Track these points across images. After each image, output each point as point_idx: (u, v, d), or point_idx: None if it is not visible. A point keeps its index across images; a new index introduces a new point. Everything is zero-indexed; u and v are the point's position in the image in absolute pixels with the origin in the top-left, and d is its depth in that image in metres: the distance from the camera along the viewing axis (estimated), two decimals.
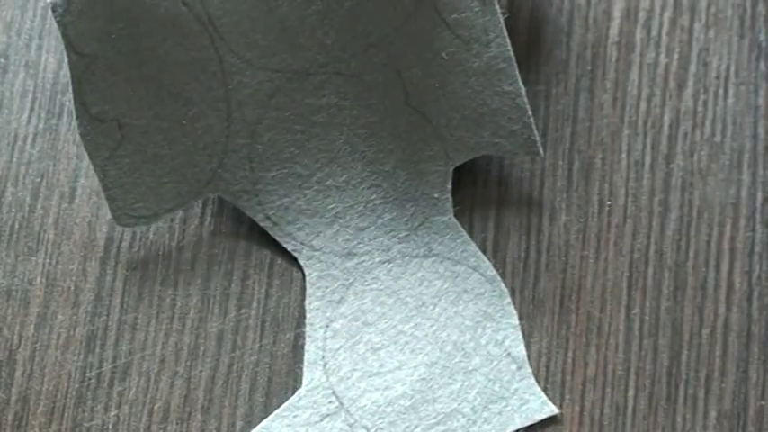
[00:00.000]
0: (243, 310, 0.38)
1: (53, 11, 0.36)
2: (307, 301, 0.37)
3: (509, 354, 0.37)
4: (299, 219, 0.37)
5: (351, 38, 0.37)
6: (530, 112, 0.37)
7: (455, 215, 0.38)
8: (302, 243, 0.37)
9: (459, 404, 0.36)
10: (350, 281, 0.37)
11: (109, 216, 0.39)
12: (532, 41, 0.40)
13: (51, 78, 0.40)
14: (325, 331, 0.37)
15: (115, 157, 0.37)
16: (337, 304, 0.37)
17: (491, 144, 0.37)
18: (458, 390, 0.36)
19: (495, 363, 0.36)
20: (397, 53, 0.37)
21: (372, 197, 0.37)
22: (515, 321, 0.37)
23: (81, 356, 0.38)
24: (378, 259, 0.37)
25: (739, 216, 0.39)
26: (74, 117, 0.37)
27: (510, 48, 0.36)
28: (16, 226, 0.39)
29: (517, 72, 0.37)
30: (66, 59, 0.40)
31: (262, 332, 0.38)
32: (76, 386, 0.38)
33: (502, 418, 0.36)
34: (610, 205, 0.39)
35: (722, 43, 0.40)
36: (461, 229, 0.37)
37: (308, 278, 0.37)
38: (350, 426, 0.36)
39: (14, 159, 0.39)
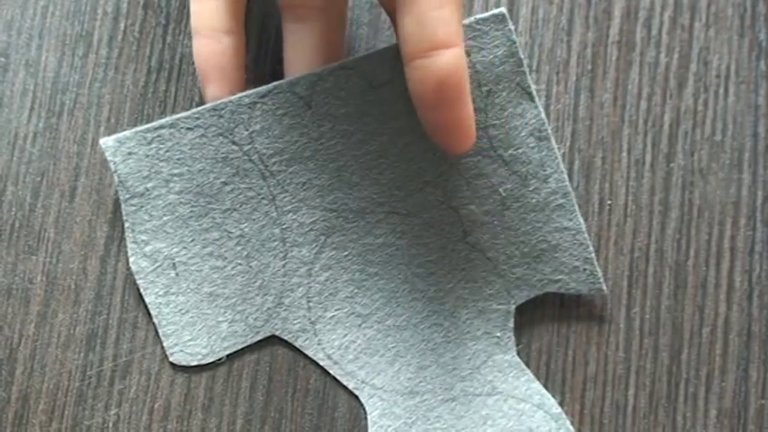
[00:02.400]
0: None
1: (106, 150, 0.37)
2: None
3: None
4: (359, 357, 0.37)
5: (406, 176, 0.37)
6: (591, 248, 0.37)
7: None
8: (363, 381, 0.37)
9: None
10: (412, 419, 0.37)
11: (109, 215, 0.39)
12: (533, 41, 0.40)
13: (51, 77, 0.40)
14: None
15: (170, 294, 0.37)
16: None
17: (553, 281, 0.37)
18: None
19: None
20: (453, 190, 0.37)
21: (434, 336, 0.37)
22: None
23: (81, 355, 0.38)
24: (440, 398, 0.37)
25: (740, 215, 0.39)
26: (128, 254, 0.37)
27: (568, 183, 0.37)
28: (17, 225, 0.39)
29: (576, 207, 0.37)
30: (65, 61, 0.40)
31: None
32: (77, 384, 0.38)
33: None
34: (610, 204, 0.39)
35: (722, 42, 0.40)
36: (524, 366, 0.37)
37: (369, 416, 0.37)
38: None
39: (15, 158, 0.39)
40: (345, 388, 0.38)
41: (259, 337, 0.37)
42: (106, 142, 0.37)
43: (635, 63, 0.40)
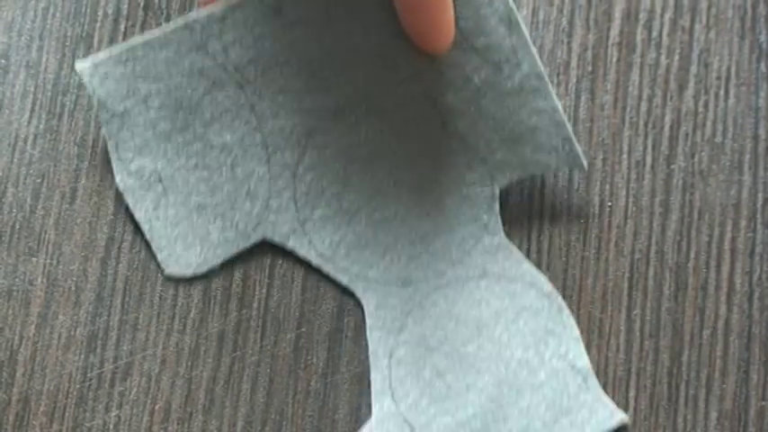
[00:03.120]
0: (244, 311, 0.38)
1: (81, 74, 0.37)
2: (368, 332, 0.37)
3: (573, 366, 0.37)
4: (350, 253, 0.37)
5: (381, 75, 0.37)
6: (569, 127, 0.37)
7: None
8: (357, 275, 0.37)
9: (529, 421, 0.36)
10: (408, 308, 0.37)
11: (110, 216, 0.39)
12: (533, 42, 0.40)
13: (52, 79, 0.40)
14: (389, 360, 0.37)
15: (159, 209, 0.37)
16: (398, 332, 0.37)
17: (533, 162, 0.37)
18: (526, 406, 0.36)
19: (560, 376, 0.36)
20: (428, 84, 0.37)
21: (422, 225, 0.37)
22: (576, 334, 0.37)
23: (82, 357, 0.38)
24: (434, 285, 0.37)
25: (740, 217, 0.39)
26: (114, 174, 0.38)
27: (541, 65, 0.37)
28: (17, 226, 0.39)
29: (551, 88, 0.37)
30: (65, 62, 0.40)
31: (263, 333, 0.38)
32: (78, 386, 0.38)
33: (573, 431, 0.36)
34: (611, 206, 0.39)
35: (723, 44, 0.40)
36: (514, 248, 0.37)
37: (366, 309, 0.37)
38: None
39: (15, 160, 0.39)
40: (346, 388, 0.38)
41: (250, 243, 0.38)
42: (82, 66, 0.37)
43: (635, 65, 0.40)
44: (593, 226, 0.39)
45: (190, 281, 0.38)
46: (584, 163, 0.37)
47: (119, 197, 0.39)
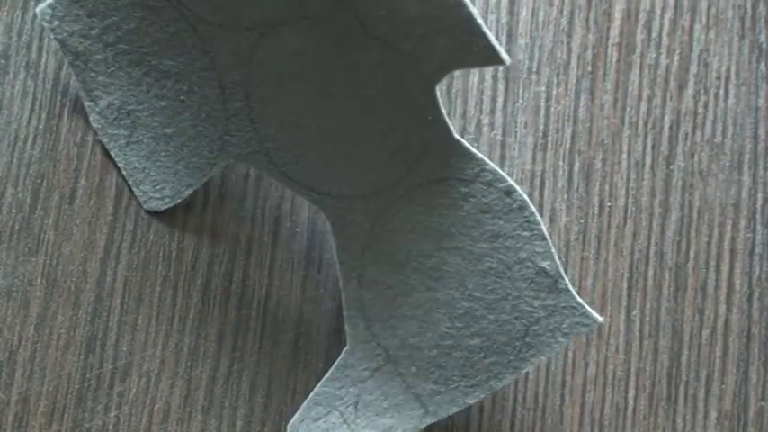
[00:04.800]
0: (243, 311, 0.38)
1: (42, 18, 0.38)
2: (336, 254, 0.36)
3: (541, 269, 0.35)
4: (312, 169, 0.37)
5: None
6: (479, 20, 0.34)
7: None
8: (320, 193, 0.37)
9: (501, 333, 0.35)
10: (371, 223, 0.36)
11: (109, 217, 0.39)
12: (533, 42, 0.40)
13: (52, 79, 0.40)
14: (359, 282, 0.36)
15: (131, 144, 0.38)
16: (364, 250, 0.36)
17: (455, 60, 0.35)
18: (497, 319, 0.35)
19: (529, 281, 0.35)
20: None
21: (370, 133, 0.36)
22: (542, 232, 0.35)
23: (81, 357, 0.38)
24: (393, 195, 0.36)
25: (740, 217, 0.39)
26: (88, 113, 0.38)
27: None
28: (16, 227, 0.39)
29: None
30: (65, 63, 0.40)
31: (262, 333, 0.38)
32: (77, 387, 0.38)
33: (546, 339, 0.35)
34: (610, 206, 0.39)
35: (723, 44, 0.40)
36: (468, 147, 0.35)
37: (332, 230, 0.37)
38: (400, 375, 0.36)
39: (15, 160, 0.39)
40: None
41: (217, 168, 0.38)
42: (42, 10, 0.38)
43: (635, 65, 0.40)
44: (593, 226, 0.39)
45: (188, 282, 0.38)
46: (504, 57, 0.34)
47: (118, 197, 0.39)
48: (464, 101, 0.40)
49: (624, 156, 0.39)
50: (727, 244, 0.39)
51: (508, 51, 0.40)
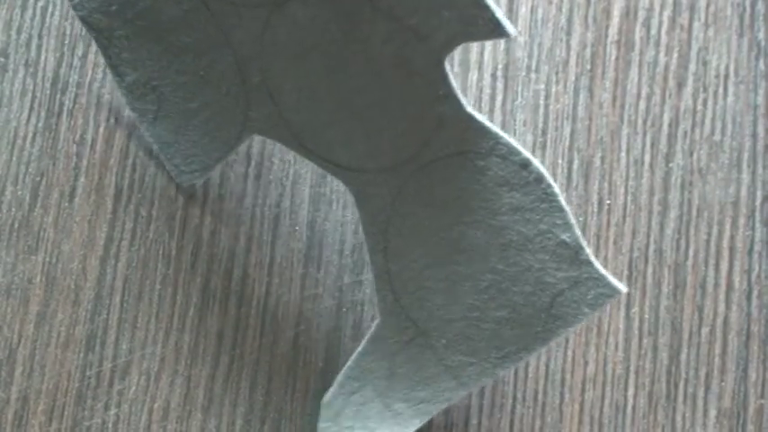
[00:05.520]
0: (243, 309, 0.38)
1: None
2: (362, 228, 0.36)
3: (562, 241, 0.34)
4: (332, 143, 0.36)
5: None
6: None
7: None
8: (342, 167, 0.36)
9: (526, 306, 0.35)
10: (392, 196, 0.36)
11: (109, 215, 0.39)
12: (532, 40, 0.40)
13: (51, 77, 0.40)
14: (384, 255, 0.36)
15: (159, 118, 0.38)
16: (387, 224, 0.36)
17: (461, 34, 0.34)
18: (522, 291, 0.35)
19: (550, 253, 0.34)
20: None
21: (385, 107, 0.36)
22: (559, 203, 0.34)
23: (81, 355, 0.38)
24: (411, 168, 0.36)
25: (739, 215, 0.39)
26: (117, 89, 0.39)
27: None
28: (16, 225, 0.39)
29: None
30: (64, 61, 0.40)
31: (262, 331, 0.38)
32: (76, 385, 0.38)
33: (571, 311, 0.34)
34: (609, 204, 0.39)
35: (721, 42, 0.40)
36: (482, 120, 0.35)
37: (356, 204, 0.36)
38: (431, 347, 0.35)
39: (14, 158, 0.39)
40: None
41: (243, 141, 0.37)
42: None
43: (634, 63, 0.40)
44: (592, 224, 0.39)
45: (188, 280, 0.38)
46: (509, 29, 0.34)
47: (118, 196, 0.39)
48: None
49: (623, 154, 0.39)
50: (727, 242, 0.39)
51: (507, 50, 0.40)
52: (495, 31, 0.34)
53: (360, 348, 0.36)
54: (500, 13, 0.34)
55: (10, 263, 0.38)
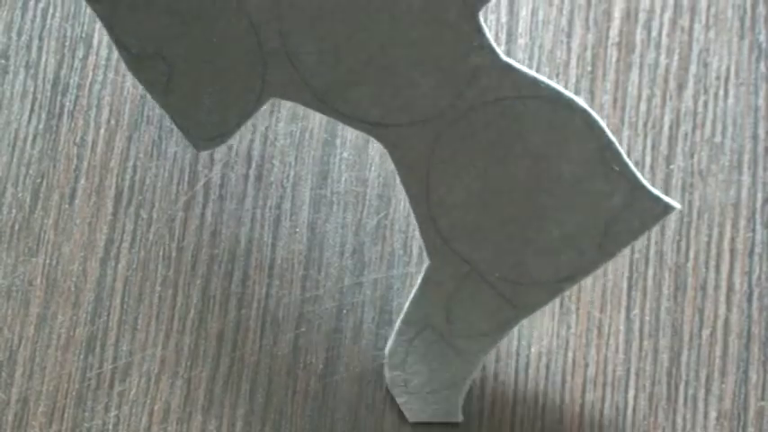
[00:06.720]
0: (243, 311, 0.38)
1: None
2: (401, 180, 0.36)
3: (611, 169, 0.34)
4: (360, 100, 0.36)
5: None
6: None
7: None
8: (372, 123, 0.36)
9: (580, 232, 0.35)
10: (429, 149, 0.35)
11: (109, 217, 0.39)
12: (533, 42, 0.40)
13: (52, 79, 0.40)
14: (428, 205, 0.35)
15: (170, 87, 0.37)
16: (427, 175, 0.35)
17: None
18: (573, 220, 0.35)
19: (601, 181, 0.35)
20: None
21: (415, 62, 0.35)
22: (606, 135, 0.34)
23: (81, 357, 0.38)
24: (446, 120, 0.35)
25: (739, 217, 0.39)
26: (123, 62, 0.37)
27: None
28: (16, 227, 0.39)
29: None
30: (65, 62, 0.40)
31: (262, 333, 0.38)
32: (77, 386, 0.38)
33: (625, 229, 0.34)
34: None
35: (722, 44, 0.40)
36: (519, 67, 0.35)
37: (392, 158, 0.36)
38: (486, 281, 0.35)
39: (14, 160, 0.39)
40: (345, 389, 0.38)
41: (262, 105, 0.37)
42: None
43: (635, 65, 0.40)
44: None
45: (188, 282, 0.38)
46: None
47: (118, 197, 0.39)
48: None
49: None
50: (727, 244, 0.39)
51: (508, 51, 0.40)
52: None
53: (413, 294, 0.36)
54: None
55: (10, 265, 0.38)
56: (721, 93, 0.40)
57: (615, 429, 0.37)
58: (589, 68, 0.40)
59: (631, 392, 0.38)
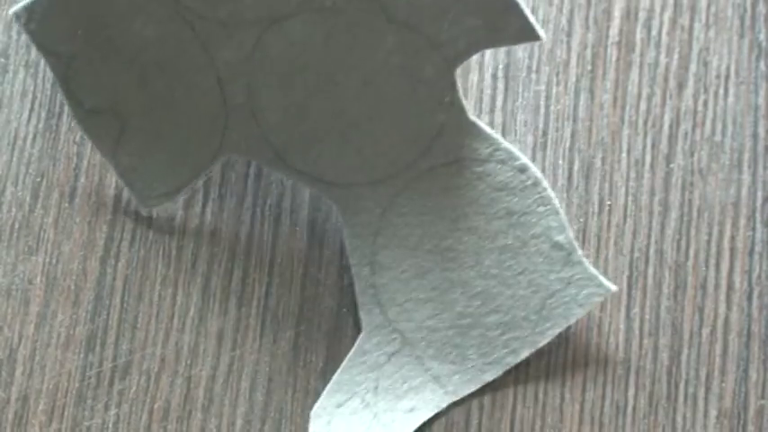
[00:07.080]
0: (243, 309, 0.38)
1: (17, 20, 0.36)
2: (346, 242, 0.36)
3: (556, 243, 0.35)
4: (320, 159, 0.36)
5: None
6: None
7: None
8: (329, 183, 0.36)
9: (518, 309, 0.35)
10: (382, 208, 0.36)
11: (109, 216, 0.39)
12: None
13: (51, 78, 0.40)
14: (371, 268, 0.36)
15: (122, 144, 0.37)
16: (375, 236, 0.36)
17: (483, 41, 0.35)
18: (514, 294, 0.35)
19: (544, 256, 0.35)
20: None
21: (382, 120, 0.36)
22: (555, 206, 0.35)
23: (81, 355, 0.38)
24: (405, 179, 0.36)
25: (739, 215, 0.39)
26: (71, 116, 0.37)
27: None
28: (16, 225, 0.39)
29: None
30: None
31: (262, 331, 0.38)
32: (77, 385, 0.38)
33: (562, 312, 0.35)
34: (610, 205, 0.39)
35: (722, 43, 0.40)
36: (482, 126, 0.35)
37: (343, 219, 0.36)
38: (418, 357, 0.36)
39: (14, 159, 0.39)
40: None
41: (217, 163, 0.37)
42: (18, 13, 0.35)
43: (635, 64, 0.40)
44: (593, 225, 0.39)
45: (188, 281, 0.38)
46: (541, 33, 0.34)
47: (118, 196, 0.39)
48: (464, 99, 0.40)
49: (624, 154, 0.39)
50: (727, 242, 0.39)
51: (508, 50, 0.40)
52: (525, 36, 0.34)
53: (345, 361, 0.36)
54: (531, 17, 0.34)
55: (10, 263, 0.38)
56: (721, 91, 0.40)
57: (615, 428, 0.37)
58: (589, 67, 0.40)
59: (631, 391, 0.38)
